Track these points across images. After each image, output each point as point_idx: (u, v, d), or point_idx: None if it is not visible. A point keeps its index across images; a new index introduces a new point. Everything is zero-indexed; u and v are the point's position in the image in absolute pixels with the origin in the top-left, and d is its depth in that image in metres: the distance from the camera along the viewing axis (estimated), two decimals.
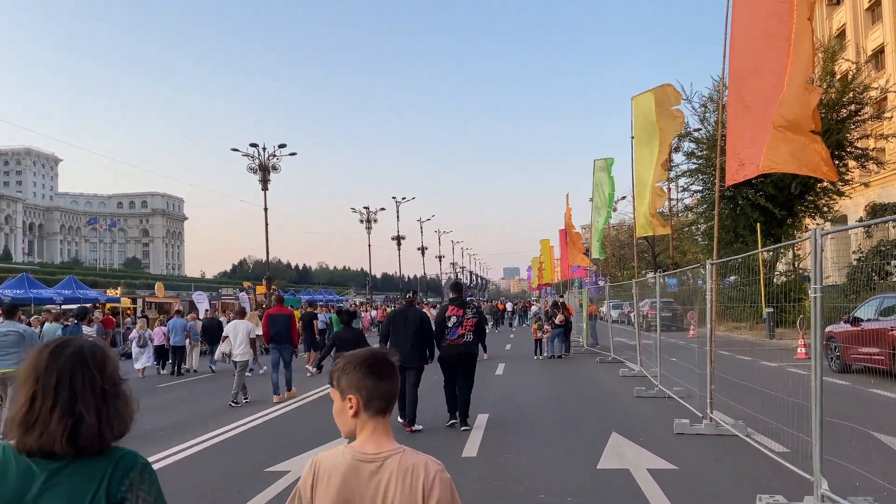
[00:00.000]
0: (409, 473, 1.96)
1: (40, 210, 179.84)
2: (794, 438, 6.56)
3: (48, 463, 1.67)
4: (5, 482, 1.65)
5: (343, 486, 1.97)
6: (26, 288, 29.66)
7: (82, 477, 1.67)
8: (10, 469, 1.67)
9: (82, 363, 1.74)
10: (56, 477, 1.66)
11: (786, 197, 26.98)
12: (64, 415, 1.66)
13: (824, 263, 5.54)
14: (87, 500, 1.65)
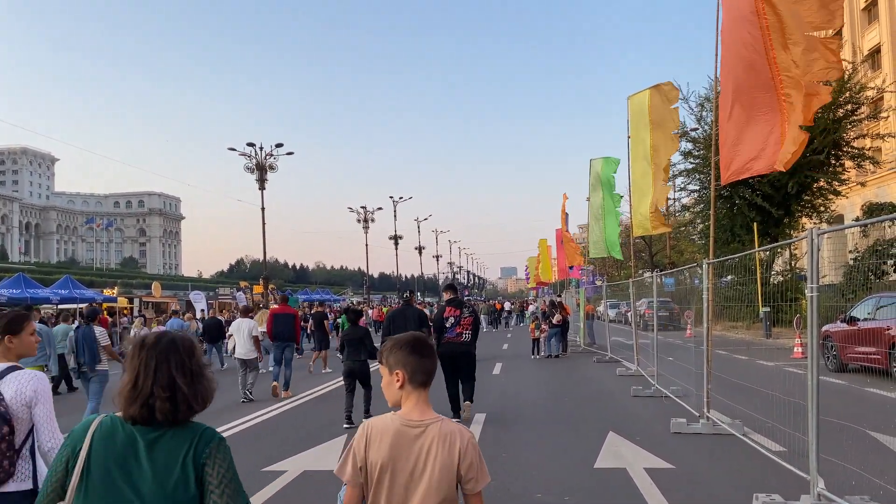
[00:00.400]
0: (448, 438, 2.40)
1: (37, 209, 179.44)
2: (791, 437, 6.57)
3: (148, 430, 2.05)
4: (113, 444, 2.03)
5: (392, 446, 2.38)
6: (23, 287, 29.59)
7: (175, 442, 2.06)
8: (117, 434, 2.04)
9: (175, 350, 2.12)
10: (155, 442, 2.04)
11: (782, 196, 27.02)
12: (162, 390, 2.04)
13: (821, 263, 5.56)
14: (180, 461, 2.04)
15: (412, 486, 2.38)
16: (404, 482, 2.38)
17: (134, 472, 2.01)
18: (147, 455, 2.02)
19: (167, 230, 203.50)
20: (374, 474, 2.39)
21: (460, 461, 2.39)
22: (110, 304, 35.09)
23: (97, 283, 72.17)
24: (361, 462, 2.42)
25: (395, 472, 2.39)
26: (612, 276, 54.26)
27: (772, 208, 26.82)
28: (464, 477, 2.41)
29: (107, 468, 2.01)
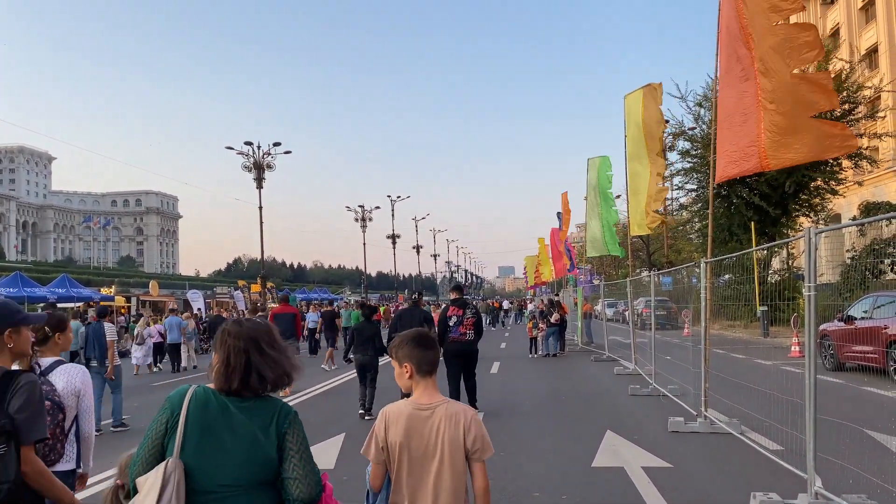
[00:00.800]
0: (454, 417, 2.82)
1: (34, 208, 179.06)
2: (788, 436, 6.58)
3: (237, 400, 2.40)
4: (207, 410, 2.37)
5: (407, 428, 2.80)
6: (20, 286, 29.54)
7: (258, 412, 2.40)
8: (210, 402, 2.39)
9: (259, 335, 2.47)
10: (243, 410, 2.39)
11: (780, 196, 27.05)
12: (248, 368, 2.40)
13: (818, 262, 5.55)
14: (264, 428, 2.38)
15: (427, 459, 2.79)
16: (420, 457, 2.80)
17: (225, 433, 2.37)
18: (235, 420, 2.38)
19: (164, 229, 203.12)
20: (395, 452, 2.81)
21: (465, 435, 2.80)
22: (107, 303, 34.98)
23: (94, 281, 71.99)
24: (382, 443, 2.84)
25: (412, 449, 2.81)
26: (609, 276, 54.28)
27: (769, 207, 26.84)
28: (470, 449, 2.80)
29: (202, 428, 2.36)
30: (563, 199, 27.50)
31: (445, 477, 2.77)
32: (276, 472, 2.40)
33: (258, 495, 2.37)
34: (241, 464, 2.35)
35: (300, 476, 2.38)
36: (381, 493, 2.95)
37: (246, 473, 2.35)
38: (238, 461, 2.35)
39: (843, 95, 26.68)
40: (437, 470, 2.78)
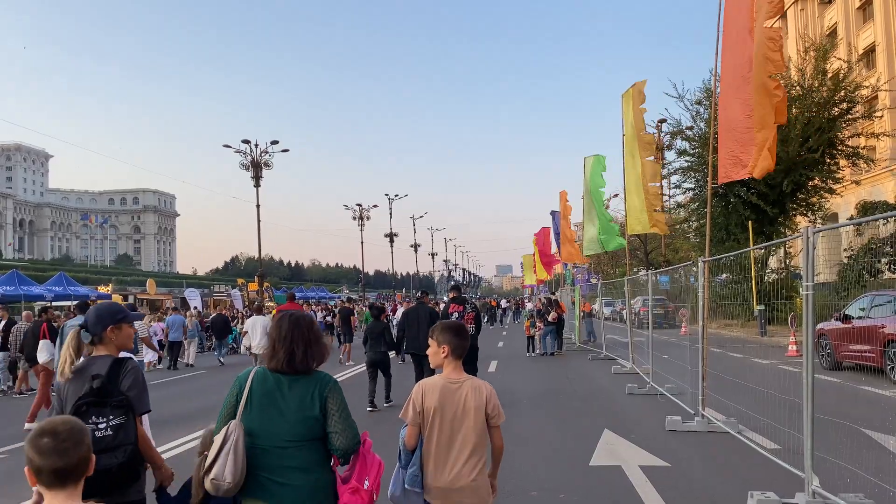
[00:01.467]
0: (477, 389, 3.47)
1: (31, 206, 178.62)
2: (786, 435, 6.58)
3: (287, 376, 3.09)
4: (265, 384, 3.08)
5: (440, 396, 3.42)
6: (16, 285, 29.47)
7: (306, 384, 3.09)
8: (267, 378, 3.10)
9: (300, 324, 3.17)
10: (293, 382, 3.08)
11: (777, 195, 27.05)
12: (291, 351, 3.08)
13: (816, 261, 5.55)
14: (310, 395, 3.05)
15: (456, 423, 3.41)
16: (451, 419, 3.41)
17: (279, 400, 3.05)
18: (287, 391, 3.06)
19: (162, 227, 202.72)
20: (429, 416, 3.41)
21: (486, 403, 3.45)
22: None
23: (91, 280, 71.88)
24: (419, 408, 3.42)
25: (444, 414, 3.41)
26: (607, 275, 54.29)
27: (767, 206, 26.84)
28: (490, 414, 3.46)
29: (261, 398, 3.06)
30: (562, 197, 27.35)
31: (471, 435, 3.41)
32: (322, 430, 3.04)
33: (310, 450, 3.03)
34: (294, 424, 3.02)
35: (340, 430, 3.03)
36: (416, 452, 3.46)
37: (298, 432, 3.02)
38: (291, 422, 3.02)
39: (840, 95, 26.69)
40: (465, 429, 3.41)
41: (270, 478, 2.99)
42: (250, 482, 2.99)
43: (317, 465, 3.04)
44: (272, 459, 2.99)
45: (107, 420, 3.31)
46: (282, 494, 2.98)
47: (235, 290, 42.84)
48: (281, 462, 2.98)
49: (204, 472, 2.98)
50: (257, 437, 3.00)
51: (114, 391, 3.35)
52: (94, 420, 3.31)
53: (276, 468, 2.99)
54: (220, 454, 2.93)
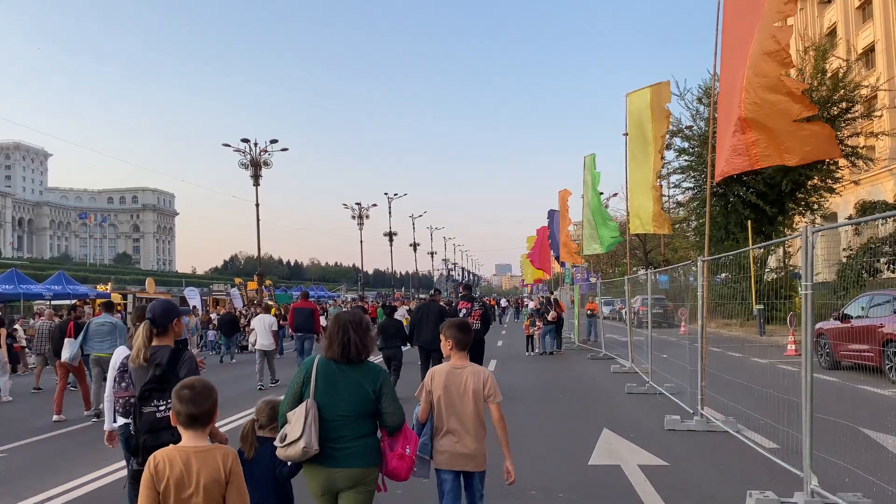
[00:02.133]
0: (476, 374, 4.19)
1: (30, 205, 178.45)
2: (785, 435, 6.59)
3: (342, 365, 3.72)
4: (328, 370, 3.71)
5: (446, 379, 4.18)
6: (15, 283, 29.42)
7: (360, 371, 3.72)
8: (329, 365, 3.72)
9: (353, 321, 3.79)
10: (349, 370, 3.71)
11: (777, 195, 27.06)
12: (344, 344, 3.71)
13: (815, 260, 5.55)
14: (365, 381, 3.69)
15: (458, 401, 4.17)
16: (455, 398, 4.17)
17: (339, 384, 3.71)
18: (344, 376, 3.72)
19: (161, 226, 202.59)
20: (438, 394, 4.17)
21: (483, 385, 4.17)
22: (104, 301, 34.83)
23: (91, 278, 71.84)
24: (430, 388, 4.21)
25: (450, 394, 4.17)
26: (606, 274, 54.29)
27: (766, 206, 26.85)
28: (486, 394, 4.18)
29: (325, 380, 3.71)
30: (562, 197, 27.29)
31: (470, 411, 4.15)
32: (374, 408, 3.72)
33: (361, 423, 3.71)
34: (349, 402, 3.69)
35: (393, 411, 3.74)
36: (427, 425, 4.24)
37: (353, 408, 3.69)
38: (347, 401, 3.69)
39: (839, 94, 26.70)
40: (465, 405, 4.15)
41: (332, 444, 3.65)
42: (319, 450, 3.63)
43: (366, 435, 3.74)
44: (331, 430, 3.65)
45: (166, 403, 3.85)
46: (337, 457, 3.65)
47: (234, 289, 42.80)
48: (337, 433, 3.67)
49: (288, 443, 3.59)
50: (322, 411, 3.66)
51: (172, 378, 3.79)
52: (155, 403, 3.95)
53: (334, 437, 3.66)
54: (306, 425, 3.57)
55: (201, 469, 2.79)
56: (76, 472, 7.55)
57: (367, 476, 3.73)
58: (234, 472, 2.87)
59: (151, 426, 3.93)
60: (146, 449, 3.79)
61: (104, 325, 11.10)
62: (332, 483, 3.68)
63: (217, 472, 2.81)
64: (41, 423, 11.07)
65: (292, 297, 43.91)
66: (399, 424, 3.77)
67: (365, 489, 3.73)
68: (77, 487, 6.93)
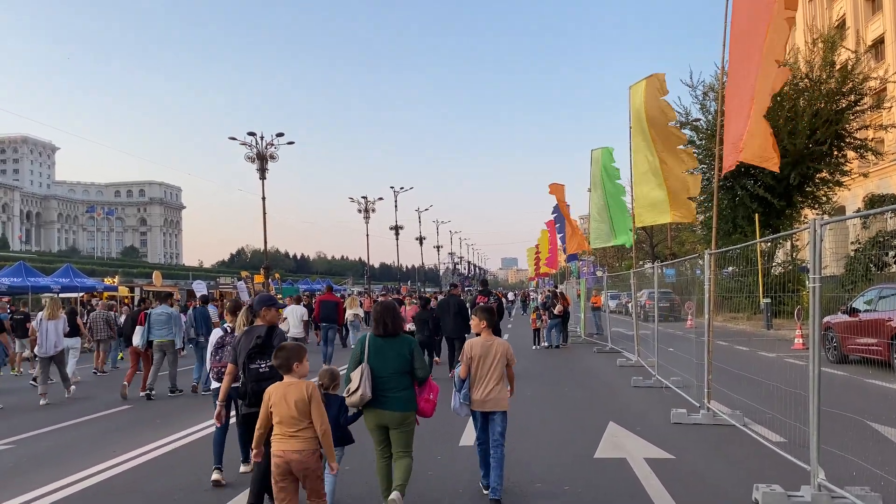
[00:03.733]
0: (502, 345, 5.87)
1: (38, 198, 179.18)
2: (792, 428, 6.56)
3: (385, 338, 5.40)
4: (376, 342, 5.37)
5: (480, 349, 5.80)
6: (23, 276, 29.56)
7: (398, 342, 5.41)
8: (377, 339, 5.39)
9: (388, 308, 5.50)
10: (389, 341, 5.39)
11: (784, 188, 26.92)
12: (385, 322, 5.40)
13: (823, 254, 5.52)
14: (402, 348, 5.37)
15: (488, 363, 5.79)
16: (486, 361, 5.80)
17: (384, 351, 5.32)
18: (388, 345, 5.35)
19: (168, 219, 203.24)
20: (475, 360, 5.80)
21: (506, 353, 5.85)
22: (111, 293, 35.03)
23: (98, 271, 72.20)
24: (469, 354, 5.80)
25: (484, 359, 5.80)
26: (612, 267, 54.20)
27: (774, 199, 26.71)
28: (509, 359, 5.89)
29: (375, 349, 5.31)
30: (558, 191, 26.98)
31: (496, 370, 5.83)
32: (409, 366, 5.36)
33: (403, 378, 5.35)
34: (392, 363, 5.33)
35: (420, 367, 5.42)
36: (466, 380, 5.82)
37: (395, 367, 5.32)
38: (391, 363, 5.33)
39: (848, 86, 26.50)
40: (492, 367, 5.82)
41: (382, 394, 5.29)
42: (372, 397, 5.26)
43: (406, 387, 5.37)
44: (381, 383, 5.30)
45: (266, 362, 5.55)
46: (388, 401, 5.30)
47: (241, 282, 42.92)
48: (385, 385, 5.30)
49: (351, 393, 5.23)
50: (374, 370, 5.31)
51: (268, 346, 5.55)
52: (258, 362, 5.64)
53: (385, 388, 5.29)
54: (362, 380, 5.21)
55: (291, 394, 4.48)
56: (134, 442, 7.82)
57: (408, 418, 5.38)
58: (312, 394, 4.48)
59: (255, 378, 5.60)
60: (252, 394, 5.52)
61: (161, 315, 12.71)
62: (382, 419, 5.34)
63: (301, 394, 4.47)
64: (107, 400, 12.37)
65: (298, 290, 44.03)
66: (425, 377, 5.46)
67: (407, 428, 5.40)
68: (138, 457, 6.99)
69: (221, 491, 6.35)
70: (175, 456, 8.01)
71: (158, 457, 7.94)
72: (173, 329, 12.74)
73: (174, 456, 8.00)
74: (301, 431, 4.43)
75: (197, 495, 6.29)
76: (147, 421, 10.30)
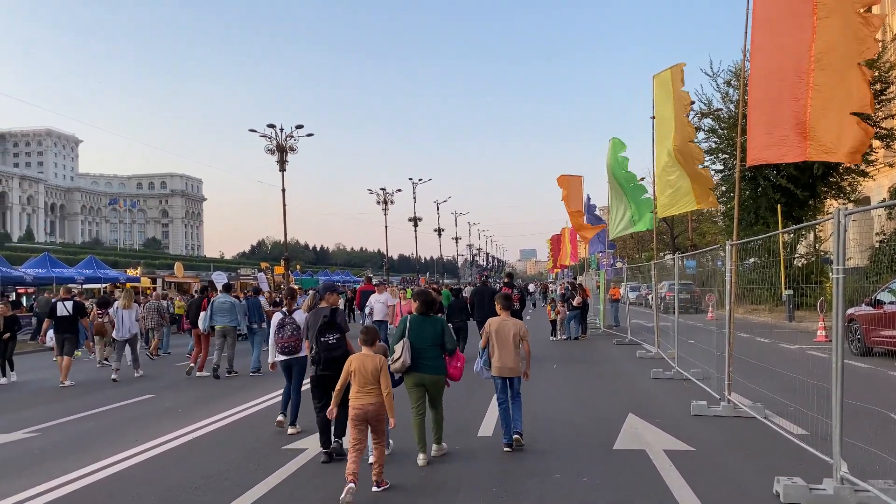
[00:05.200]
0: (516, 323, 7.34)
1: (61, 191, 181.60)
2: (814, 421, 6.50)
3: (422, 317, 6.93)
4: (416, 320, 6.90)
5: (498, 326, 7.30)
6: (48, 267, 30.06)
7: (432, 321, 6.94)
8: (417, 318, 6.92)
9: (425, 293, 7.21)
10: (426, 320, 6.91)
11: (808, 178, 26.57)
12: (426, 305, 6.98)
13: (847, 245, 5.44)
14: (435, 325, 6.92)
15: (505, 336, 7.20)
16: (502, 336, 7.20)
17: (422, 327, 6.83)
18: (425, 323, 6.86)
19: (189, 211, 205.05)
20: (492, 333, 7.24)
21: (521, 330, 7.23)
22: (134, 284, 35.46)
23: (121, 263, 72.99)
24: (489, 330, 7.28)
25: (500, 335, 7.21)
26: (632, 259, 53.87)
27: (797, 190, 26.38)
28: (521, 336, 7.21)
29: (416, 325, 6.83)
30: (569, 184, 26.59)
31: (511, 342, 7.16)
32: (440, 340, 6.78)
33: (435, 348, 6.76)
34: (429, 337, 6.76)
35: (450, 341, 6.87)
36: (486, 350, 7.32)
37: (430, 340, 6.74)
38: (427, 336, 6.76)
39: (874, 75, 26.03)
40: (508, 339, 7.16)
41: (420, 361, 6.72)
42: (412, 364, 6.69)
43: (438, 356, 6.83)
44: (420, 353, 6.73)
45: (333, 335, 7.16)
46: (424, 367, 6.74)
47: (261, 273, 43.27)
48: (422, 354, 6.74)
49: (394, 360, 6.61)
50: (414, 343, 6.74)
51: (333, 322, 7.20)
52: (327, 336, 7.15)
53: (422, 357, 6.73)
54: (403, 351, 6.65)
55: (368, 363, 6.01)
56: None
57: (439, 380, 6.88)
58: (382, 365, 6.05)
59: (325, 348, 7.13)
60: (323, 360, 7.12)
61: (224, 303, 14.16)
62: (420, 381, 6.80)
63: (375, 364, 6.00)
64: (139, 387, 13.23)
65: (318, 281, 44.37)
66: (454, 349, 6.95)
67: (439, 387, 6.92)
68: (166, 443, 7.13)
69: (242, 477, 6.43)
70: (198, 444, 8.13)
71: (177, 447, 8.06)
72: (236, 316, 14.14)
73: (195, 445, 8.12)
74: (373, 390, 5.94)
75: (217, 483, 6.38)
76: (168, 410, 10.47)
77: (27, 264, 31.49)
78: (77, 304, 14.60)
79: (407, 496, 5.85)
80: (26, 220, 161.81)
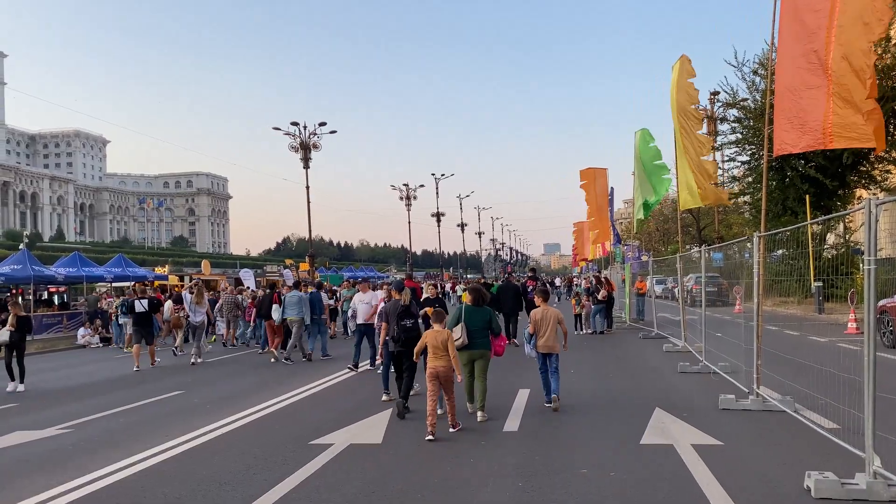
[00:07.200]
0: (555, 312, 9.34)
1: (90, 190, 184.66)
2: (845, 414, 6.39)
3: (475, 307, 8.93)
4: (470, 310, 8.87)
5: (540, 314, 9.31)
6: (78, 266, 30.59)
7: (482, 310, 8.95)
8: (470, 307, 8.91)
9: (477, 288, 9.28)
10: (478, 309, 8.93)
11: (837, 168, 26.10)
12: (476, 298, 9.01)
13: (878, 235, 5.34)
14: (485, 314, 8.93)
15: (546, 322, 9.23)
16: (544, 322, 9.23)
17: (474, 314, 8.82)
18: (476, 311, 8.86)
19: (215, 209, 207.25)
20: (538, 320, 9.25)
21: (557, 315, 9.29)
22: (161, 282, 35.96)
23: (149, 261, 74.08)
24: (533, 318, 9.31)
25: (542, 320, 9.24)
26: (658, 252, 53.36)
27: (826, 180, 25.92)
28: (560, 320, 9.28)
29: (470, 313, 8.80)
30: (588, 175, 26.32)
31: (552, 327, 9.20)
32: (488, 325, 8.84)
33: (484, 330, 8.80)
34: (480, 322, 8.78)
35: (495, 325, 8.98)
36: (533, 334, 9.22)
37: (481, 324, 8.78)
38: (478, 321, 8.77)
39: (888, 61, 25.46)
40: (550, 324, 9.20)
41: (472, 340, 8.57)
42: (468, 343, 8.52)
43: (486, 337, 8.73)
44: (473, 334, 8.59)
45: (409, 320, 9.32)
46: (475, 345, 8.61)
47: (286, 270, 43.68)
48: (475, 335, 8.60)
49: (454, 340, 8.13)
50: (469, 326, 8.58)
51: (408, 309, 9.38)
52: (405, 321, 9.26)
53: (474, 337, 8.60)
54: (462, 333, 8.45)
55: (439, 336, 8.03)
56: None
57: (486, 354, 8.71)
58: (448, 337, 8.04)
59: (403, 330, 9.16)
60: (402, 339, 9.12)
61: (294, 298, 16.33)
62: (472, 356, 8.62)
63: (444, 337, 8.04)
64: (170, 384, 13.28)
65: (342, 277, 44.63)
66: (498, 331, 8.96)
67: (485, 359, 8.73)
68: (193, 439, 7.24)
69: (270, 473, 6.50)
70: (226, 440, 8.23)
71: (206, 442, 8.16)
72: (304, 309, 16.28)
73: (224, 440, 8.21)
74: (443, 356, 7.94)
75: (246, 478, 6.45)
76: (197, 406, 10.61)
77: (58, 263, 32.08)
78: (151, 301, 16.82)
79: (433, 492, 5.87)
80: (57, 220, 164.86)
